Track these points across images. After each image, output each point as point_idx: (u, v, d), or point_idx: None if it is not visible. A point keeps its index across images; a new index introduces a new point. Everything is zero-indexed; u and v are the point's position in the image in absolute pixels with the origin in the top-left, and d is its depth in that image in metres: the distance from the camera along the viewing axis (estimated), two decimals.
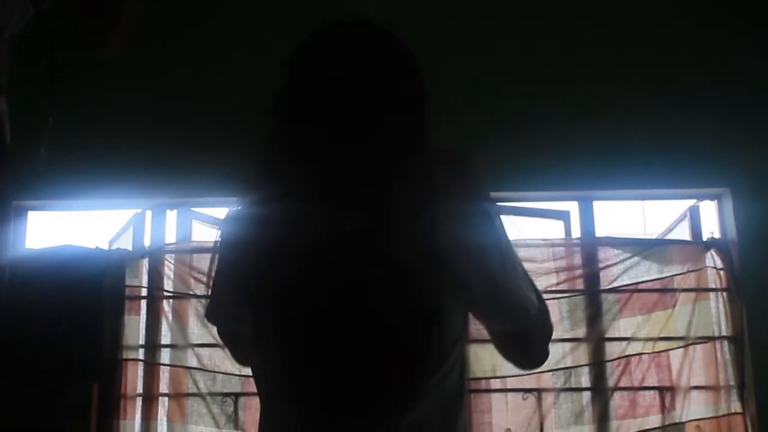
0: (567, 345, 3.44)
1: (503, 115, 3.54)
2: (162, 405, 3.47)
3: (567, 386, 3.42)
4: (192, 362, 3.47)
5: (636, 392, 3.41)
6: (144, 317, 3.53)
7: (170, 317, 3.52)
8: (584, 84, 3.63)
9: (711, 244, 3.53)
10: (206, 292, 1.55)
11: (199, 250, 3.52)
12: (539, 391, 3.42)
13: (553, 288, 3.47)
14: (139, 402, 3.46)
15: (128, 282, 3.52)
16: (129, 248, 3.59)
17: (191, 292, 3.50)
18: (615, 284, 3.50)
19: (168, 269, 3.54)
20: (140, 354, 3.49)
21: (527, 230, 3.41)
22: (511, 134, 3.49)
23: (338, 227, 1.32)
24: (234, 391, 3.44)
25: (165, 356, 3.51)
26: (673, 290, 3.48)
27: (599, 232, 3.69)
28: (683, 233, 3.69)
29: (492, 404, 3.43)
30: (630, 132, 3.57)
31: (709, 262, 3.51)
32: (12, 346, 3.11)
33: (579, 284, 3.52)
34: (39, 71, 1.68)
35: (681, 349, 3.43)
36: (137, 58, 3.26)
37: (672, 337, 3.45)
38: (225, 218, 1.46)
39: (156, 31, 3.42)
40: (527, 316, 1.44)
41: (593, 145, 3.54)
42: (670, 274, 3.50)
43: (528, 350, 1.55)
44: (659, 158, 3.55)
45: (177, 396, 3.46)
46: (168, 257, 3.55)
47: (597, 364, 3.43)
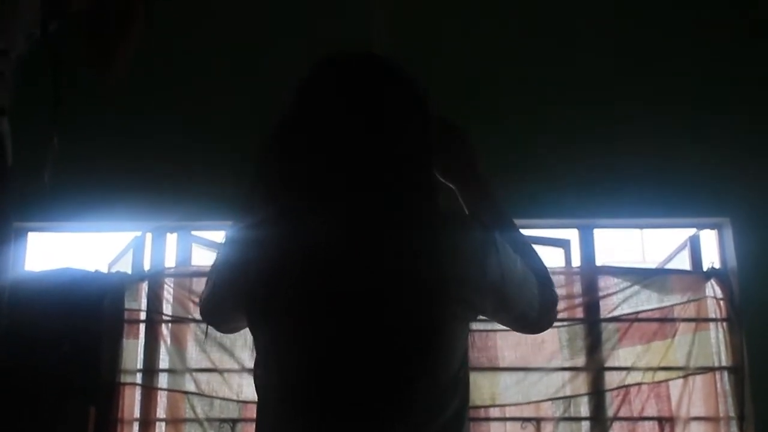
0: (566, 374, 3.43)
1: (502, 143, 3.54)
2: (159, 430, 3.45)
3: (566, 415, 3.40)
4: (190, 387, 3.45)
5: (635, 422, 3.39)
6: (142, 341, 3.52)
7: (169, 341, 3.51)
8: (585, 112, 3.65)
9: (711, 274, 3.53)
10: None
11: (199, 274, 3.52)
12: (538, 420, 3.40)
13: None
14: (137, 427, 3.44)
15: (127, 305, 3.51)
16: (128, 271, 3.59)
17: (190, 317, 3.50)
18: (615, 313, 3.49)
19: (167, 293, 3.53)
20: (138, 378, 3.48)
21: None
22: (511, 162, 3.49)
23: (344, 243, 1.36)
24: (231, 417, 3.42)
25: (163, 380, 3.50)
26: (673, 320, 3.47)
27: (599, 261, 3.69)
28: (683, 263, 3.69)
29: None
30: (630, 161, 3.58)
31: (709, 292, 3.50)
32: (11, 370, 3.10)
33: (579, 313, 3.51)
34: (43, 92, 1.69)
35: (681, 380, 3.41)
36: (137, 81, 3.28)
37: (672, 367, 3.43)
38: (231, 228, 1.49)
39: (156, 54, 3.43)
40: (531, 315, 1.52)
41: (594, 174, 3.55)
42: (670, 304, 3.49)
43: (534, 330, 1.63)
44: (660, 187, 3.56)
45: (174, 421, 3.44)
46: (167, 281, 3.55)
47: (596, 394, 3.41)
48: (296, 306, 1.36)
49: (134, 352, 3.49)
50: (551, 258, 3.62)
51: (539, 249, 1.65)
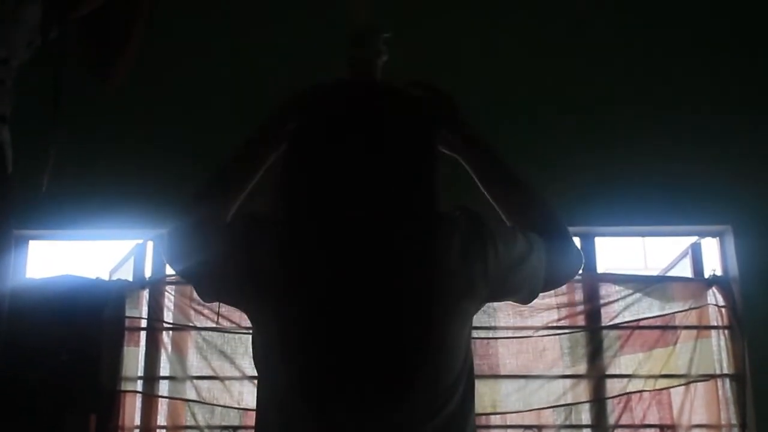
0: (568, 382, 3.43)
1: (502, 151, 3.53)
2: None
3: (567, 423, 3.39)
4: (191, 395, 3.44)
5: (637, 430, 3.39)
6: (143, 348, 3.52)
7: (169, 349, 3.51)
8: (585, 120, 3.65)
9: (713, 282, 3.52)
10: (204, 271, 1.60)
11: None
12: (540, 428, 3.39)
13: (554, 324, 3.47)
14: None
15: (128, 313, 3.51)
16: (129, 279, 3.58)
17: (191, 324, 3.50)
18: (616, 321, 3.48)
19: (168, 300, 3.53)
20: (139, 386, 3.47)
21: None
22: None
23: (358, 243, 1.48)
24: (232, 425, 3.41)
25: (164, 388, 3.50)
26: (675, 327, 3.47)
27: (601, 269, 3.69)
28: (685, 270, 3.68)
29: None
30: (632, 168, 3.58)
31: (711, 300, 3.50)
32: (11, 378, 3.09)
33: (580, 320, 3.51)
34: (43, 100, 1.69)
35: (682, 387, 3.41)
36: (138, 89, 3.28)
37: (673, 375, 3.42)
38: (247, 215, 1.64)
39: (157, 62, 3.43)
40: (537, 288, 1.64)
41: (595, 182, 3.55)
42: (672, 311, 3.49)
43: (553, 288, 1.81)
44: (661, 195, 3.56)
45: (175, 429, 3.43)
46: (168, 288, 3.55)
47: (598, 401, 3.41)
48: (312, 302, 1.44)
49: (135, 360, 3.49)
50: None
51: None
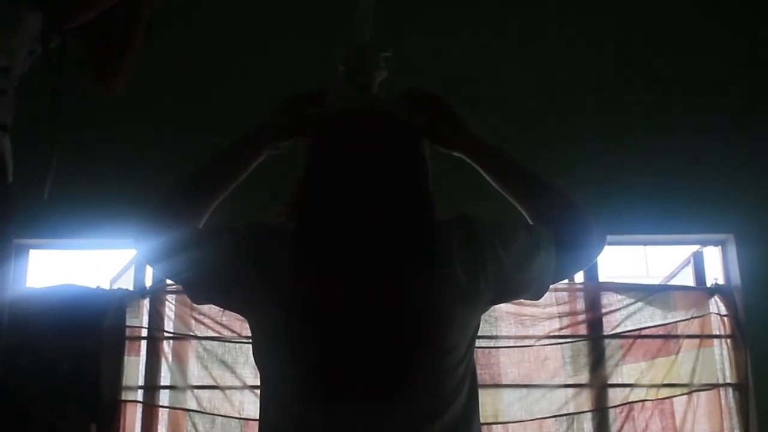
0: (569, 391, 3.42)
1: None
2: None
3: None
4: (191, 404, 3.43)
5: None
6: (144, 358, 3.51)
7: (170, 358, 3.50)
8: (587, 130, 3.65)
9: (715, 291, 3.52)
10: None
11: None
12: None
13: (556, 333, 3.46)
14: None
15: (129, 322, 3.50)
16: (130, 288, 3.58)
17: (192, 333, 3.49)
18: (618, 330, 3.47)
19: (169, 310, 3.53)
20: (139, 395, 3.46)
21: None
22: None
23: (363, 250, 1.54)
24: None
25: (164, 398, 3.49)
26: (677, 336, 3.46)
27: (602, 277, 3.68)
28: (687, 279, 3.68)
29: None
30: (633, 177, 3.57)
31: (713, 309, 3.49)
32: (12, 387, 3.09)
33: (582, 329, 3.50)
34: (44, 109, 1.69)
35: (685, 396, 3.40)
36: (139, 98, 3.28)
37: (676, 384, 3.41)
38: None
39: (158, 70, 3.44)
40: (547, 283, 1.73)
41: (596, 191, 3.54)
42: (674, 320, 3.48)
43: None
44: (663, 204, 3.55)
45: None
46: (169, 298, 3.54)
47: (600, 411, 3.39)
48: (317, 306, 1.49)
49: (135, 369, 3.48)
50: None
51: None
